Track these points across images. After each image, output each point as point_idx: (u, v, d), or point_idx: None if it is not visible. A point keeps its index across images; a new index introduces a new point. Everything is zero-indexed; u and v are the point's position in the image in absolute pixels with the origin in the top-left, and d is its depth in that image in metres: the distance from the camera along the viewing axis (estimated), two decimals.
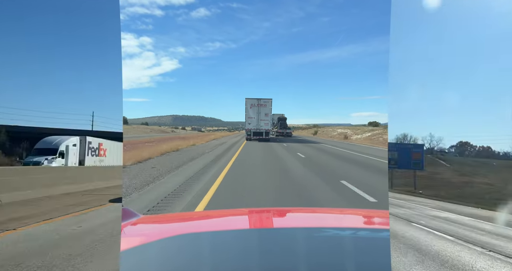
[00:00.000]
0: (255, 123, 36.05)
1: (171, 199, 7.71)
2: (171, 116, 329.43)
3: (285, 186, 9.72)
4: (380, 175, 12.99)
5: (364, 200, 7.87)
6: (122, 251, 1.28)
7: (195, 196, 7.91)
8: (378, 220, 2.03)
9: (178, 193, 8.38)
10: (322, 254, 1.27)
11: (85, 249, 5.64)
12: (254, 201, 7.58)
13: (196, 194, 8.20)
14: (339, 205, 7.27)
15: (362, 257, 1.27)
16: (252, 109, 36.09)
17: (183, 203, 7.23)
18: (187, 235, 1.55)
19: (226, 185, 9.51)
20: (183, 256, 1.30)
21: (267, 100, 36.43)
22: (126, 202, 7.73)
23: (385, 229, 1.66)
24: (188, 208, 6.79)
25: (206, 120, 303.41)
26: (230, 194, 8.41)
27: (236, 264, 1.20)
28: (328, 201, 7.64)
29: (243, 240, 1.49)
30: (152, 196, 8.15)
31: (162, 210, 6.76)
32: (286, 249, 1.35)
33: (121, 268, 1.17)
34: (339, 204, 7.35)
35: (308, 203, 7.47)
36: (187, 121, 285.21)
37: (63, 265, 4.86)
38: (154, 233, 1.64)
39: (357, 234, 1.63)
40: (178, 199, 7.69)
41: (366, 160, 19.00)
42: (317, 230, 1.65)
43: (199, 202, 7.26)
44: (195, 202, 7.33)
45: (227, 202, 7.49)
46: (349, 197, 8.17)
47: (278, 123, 50.57)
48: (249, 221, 2.00)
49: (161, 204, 7.25)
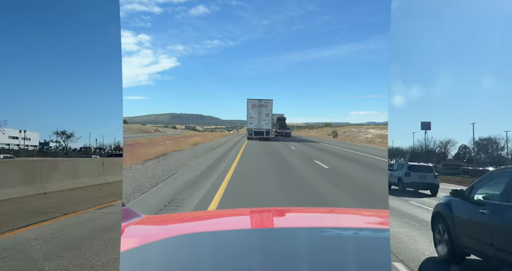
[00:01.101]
0: (256, 123, 37.62)
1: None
2: (169, 115, 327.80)
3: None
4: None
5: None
6: (122, 252, 1.30)
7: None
8: (378, 220, 2.03)
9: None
10: (322, 254, 1.29)
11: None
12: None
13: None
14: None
15: (362, 257, 1.27)
16: (253, 109, 37.69)
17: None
18: (188, 235, 1.56)
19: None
20: (184, 256, 1.31)
21: (268, 101, 38.09)
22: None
23: (385, 229, 1.67)
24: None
25: (204, 118, 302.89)
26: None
27: (237, 264, 1.21)
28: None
29: (244, 240, 1.50)
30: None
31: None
32: (287, 249, 1.36)
33: (121, 268, 1.19)
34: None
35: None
36: (185, 120, 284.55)
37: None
38: (155, 234, 1.65)
39: (357, 234, 1.64)
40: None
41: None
42: (317, 230, 1.66)
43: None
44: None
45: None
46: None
47: (277, 123, 51.25)
48: (250, 221, 2.02)
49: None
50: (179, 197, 8.26)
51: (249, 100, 38.14)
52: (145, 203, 7.85)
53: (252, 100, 38.04)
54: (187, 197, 8.22)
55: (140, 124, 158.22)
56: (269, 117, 38.39)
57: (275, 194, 8.99)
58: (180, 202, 7.77)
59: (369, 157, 21.20)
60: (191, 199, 7.97)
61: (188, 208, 7.11)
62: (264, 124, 37.79)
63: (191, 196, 8.38)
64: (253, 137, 37.42)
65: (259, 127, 37.64)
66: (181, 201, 7.81)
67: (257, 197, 8.49)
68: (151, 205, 7.53)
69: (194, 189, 9.24)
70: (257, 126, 37.66)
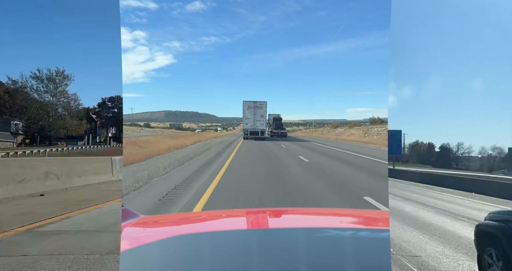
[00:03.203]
0: (252, 124, 39.51)
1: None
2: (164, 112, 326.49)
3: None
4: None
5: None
6: (122, 252, 1.32)
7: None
8: (378, 220, 2.01)
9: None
10: (321, 254, 1.30)
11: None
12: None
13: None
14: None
15: (362, 257, 1.29)
16: (248, 111, 39.60)
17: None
18: (187, 235, 1.58)
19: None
20: (184, 257, 1.33)
21: (262, 102, 40.11)
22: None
23: (385, 229, 1.66)
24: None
25: (200, 116, 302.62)
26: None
27: (236, 265, 1.22)
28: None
29: (242, 241, 1.51)
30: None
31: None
32: (285, 249, 1.37)
33: (121, 268, 1.23)
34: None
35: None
36: (180, 117, 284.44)
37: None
38: (154, 234, 1.68)
39: (357, 234, 1.65)
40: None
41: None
42: (316, 230, 1.66)
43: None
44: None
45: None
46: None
47: (274, 123, 51.47)
48: (248, 221, 2.01)
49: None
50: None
51: (245, 102, 40.04)
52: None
53: (247, 102, 39.96)
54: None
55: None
56: (264, 118, 40.27)
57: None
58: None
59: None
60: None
61: None
62: (259, 125, 39.68)
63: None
64: (249, 136, 39.21)
65: (254, 127, 39.48)
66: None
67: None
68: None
69: None
70: (252, 127, 39.50)
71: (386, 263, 1.27)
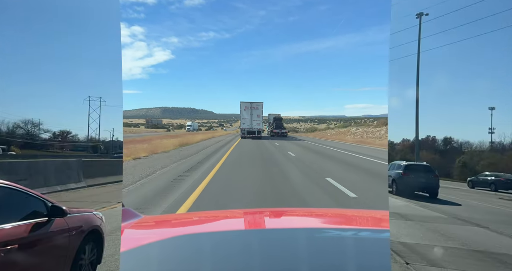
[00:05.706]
0: (249, 124, 41.54)
1: None
2: (160, 109, 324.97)
3: None
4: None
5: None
6: (122, 252, 1.32)
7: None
8: (378, 220, 2.03)
9: None
10: (321, 255, 1.30)
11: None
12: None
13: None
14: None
15: (361, 257, 1.29)
16: (246, 111, 41.60)
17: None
18: (188, 236, 1.58)
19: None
20: (184, 257, 1.34)
21: (259, 103, 42.22)
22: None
23: (385, 229, 1.66)
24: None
25: (197, 112, 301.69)
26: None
27: (236, 265, 1.22)
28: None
29: (242, 241, 1.51)
30: None
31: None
32: (285, 249, 1.37)
33: (121, 268, 1.23)
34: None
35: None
36: (177, 114, 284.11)
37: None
38: (155, 234, 1.69)
39: (357, 234, 1.65)
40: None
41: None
42: (316, 230, 1.68)
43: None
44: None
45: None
46: None
47: (274, 123, 51.22)
48: (248, 222, 2.03)
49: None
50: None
51: (242, 102, 41.99)
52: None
53: (244, 103, 41.90)
54: None
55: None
56: (260, 118, 42.22)
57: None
58: None
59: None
60: None
61: None
62: (256, 125, 41.64)
63: None
64: (246, 135, 41.05)
65: (251, 127, 41.43)
66: None
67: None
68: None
69: None
70: (249, 126, 41.44)
71: (386, 263, 1.28)
